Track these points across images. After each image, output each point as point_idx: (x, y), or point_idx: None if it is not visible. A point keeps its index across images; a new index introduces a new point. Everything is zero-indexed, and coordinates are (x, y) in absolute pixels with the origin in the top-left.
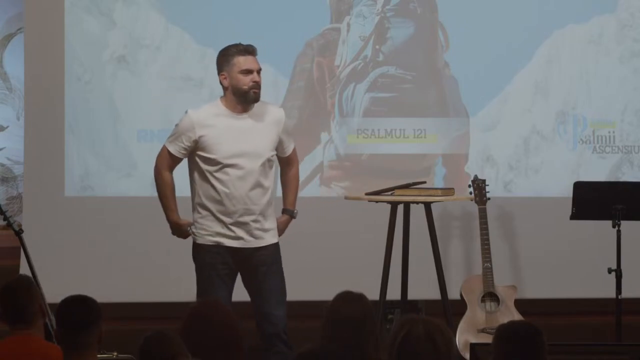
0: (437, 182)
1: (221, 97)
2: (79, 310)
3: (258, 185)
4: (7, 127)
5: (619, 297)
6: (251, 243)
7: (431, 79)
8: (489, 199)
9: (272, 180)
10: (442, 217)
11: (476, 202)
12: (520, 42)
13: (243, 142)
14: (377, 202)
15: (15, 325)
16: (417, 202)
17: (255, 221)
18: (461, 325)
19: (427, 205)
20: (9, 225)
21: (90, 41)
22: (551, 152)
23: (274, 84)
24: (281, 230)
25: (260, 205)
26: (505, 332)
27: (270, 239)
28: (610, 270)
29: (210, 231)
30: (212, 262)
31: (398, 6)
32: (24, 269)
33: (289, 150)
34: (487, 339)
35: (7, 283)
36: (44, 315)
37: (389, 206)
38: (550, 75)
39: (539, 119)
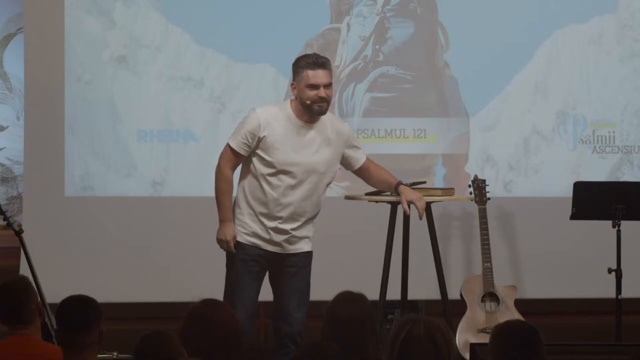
0: (437, 182)
1: (292, 99)
2: (79, 310)
3: (309, 197)
4: (7, 127)
5: (619, 297)
6: (287, 249)
7: (431, 79)
8: (489, 199)
9: (324, 195)
10: (442, 217)
11: (476, 202)
12: (520, 42)
13: (301, 151)
14: (377, 202)
15: (14, 325)
16: None
17: (294, 229)
18: (461, 325)
19: (427, 205)
20: (9, 225)
21: (90, 41)
22: (551, 152)
23: (274, 84)
24: (416, 196)
25: (305, 216)
26: (502, 332)
27: (305, 246)
28: (610, 270)
29: (248, 230)
30: (244, 258)
31: (398, 6)
32: (24, 269)
33: (358, 163)
34: (487, 339)
35: (4, 283)
36: (41, 315)
37: (389, 206)
38: (550, 75)
39: (539, 119)
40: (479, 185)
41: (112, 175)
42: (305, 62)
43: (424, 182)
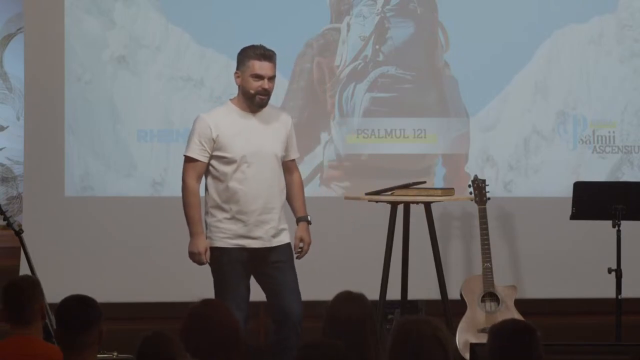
0: (437, 182)
1: (231, 98)
2: (79, 310)
3: (274, 183)
4: (7, 127)
5: (619, 297)
6: (270, 242)
7: (431, 79)
8: (489, 199)
9: (284, 181)
10: (442, 217)
11: (476, 202)
12: (520, 42)
13: (256, 140)
14: (377, 202)
15: (15, 323)
16: (417, 202)
17: (272, 220)
18: (461, 325)
19: (427, 205)
20: (9, 225)
21: (90, 41)
22: (551, 152)
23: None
24: (308, 239)
25: (277, 204)
26: (499, 330)
27: (284, 238)
28: (610, 270)
29: (229, 234)
30: (230, 261)
31: (398, 6)
32: (24, 269)
33: (293, 155)
34: None
35: (12, 280)
36: (44, 318)
37: (389, 206)
38: (550, 75)
39: (539, 119)
40: (479, 185)
41: (112, 175)
42: (253, 53)
43: (424, 182)
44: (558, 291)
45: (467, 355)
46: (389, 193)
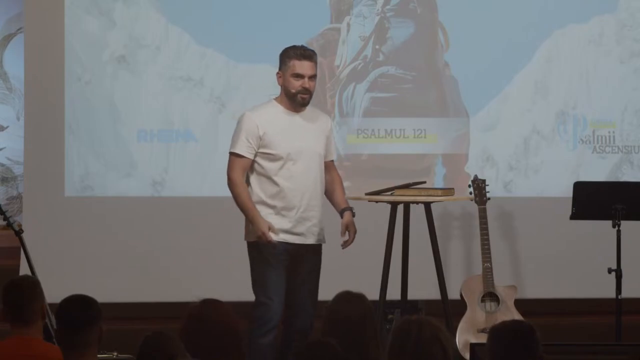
0: (437, 182)
1: (275, 97)
2: (79, 310)
3: (317, 181)
4: (7, 127)
5: (619, 297)
6: (310, 239)
7: (431, 79)
8: (489, 199)
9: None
10: (442, 217)
11: (476, 202)
12: (520, 42)
13: (301, 138)
14: (377, 202)
15: (15, 322)
16: (417, 202)
17: (315, 217)
18: (461, 325)
19: (427, 205)
20: (9, 225)
21: (90, 41)
22: (551, 152)
23: (274, 83)
24: (354, 228)
25: (319, 201)
26: (499, 332)
27: (322, 238)
28: (610, 270)
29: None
30: (274, 253)
31: (398, 6)
32: (24, 269)
33: (331, 156)
34: None
35: (13, 279)
36: (44, 318)
37: (389, 206)
38: (550, 75)
39: (539, 119)
40: (479, 185)
41: (112, 175)
42: (293, 53)
43: (424, 182)
44: (558, 291)
45: (467, 355)
46: (389, 193)
